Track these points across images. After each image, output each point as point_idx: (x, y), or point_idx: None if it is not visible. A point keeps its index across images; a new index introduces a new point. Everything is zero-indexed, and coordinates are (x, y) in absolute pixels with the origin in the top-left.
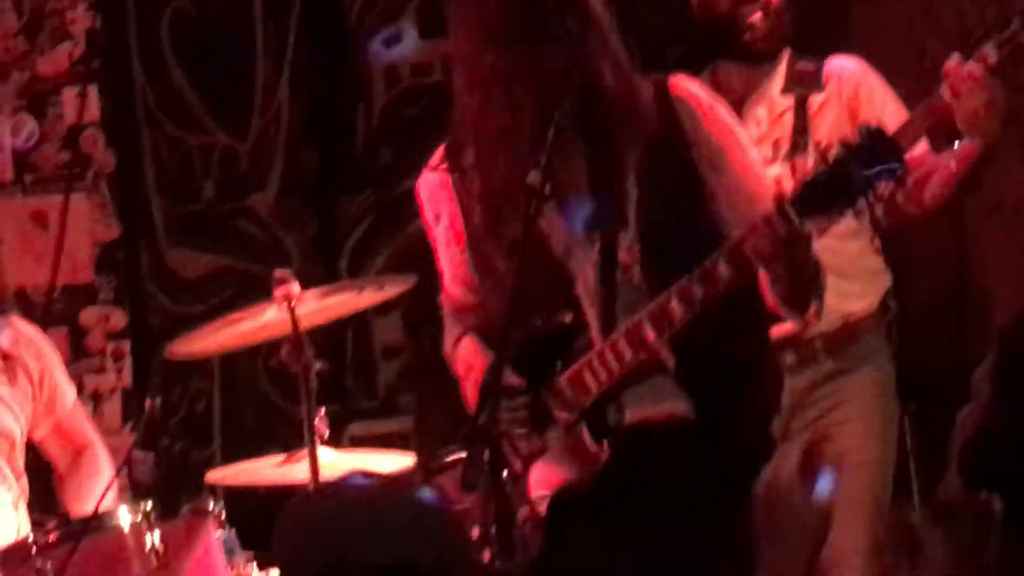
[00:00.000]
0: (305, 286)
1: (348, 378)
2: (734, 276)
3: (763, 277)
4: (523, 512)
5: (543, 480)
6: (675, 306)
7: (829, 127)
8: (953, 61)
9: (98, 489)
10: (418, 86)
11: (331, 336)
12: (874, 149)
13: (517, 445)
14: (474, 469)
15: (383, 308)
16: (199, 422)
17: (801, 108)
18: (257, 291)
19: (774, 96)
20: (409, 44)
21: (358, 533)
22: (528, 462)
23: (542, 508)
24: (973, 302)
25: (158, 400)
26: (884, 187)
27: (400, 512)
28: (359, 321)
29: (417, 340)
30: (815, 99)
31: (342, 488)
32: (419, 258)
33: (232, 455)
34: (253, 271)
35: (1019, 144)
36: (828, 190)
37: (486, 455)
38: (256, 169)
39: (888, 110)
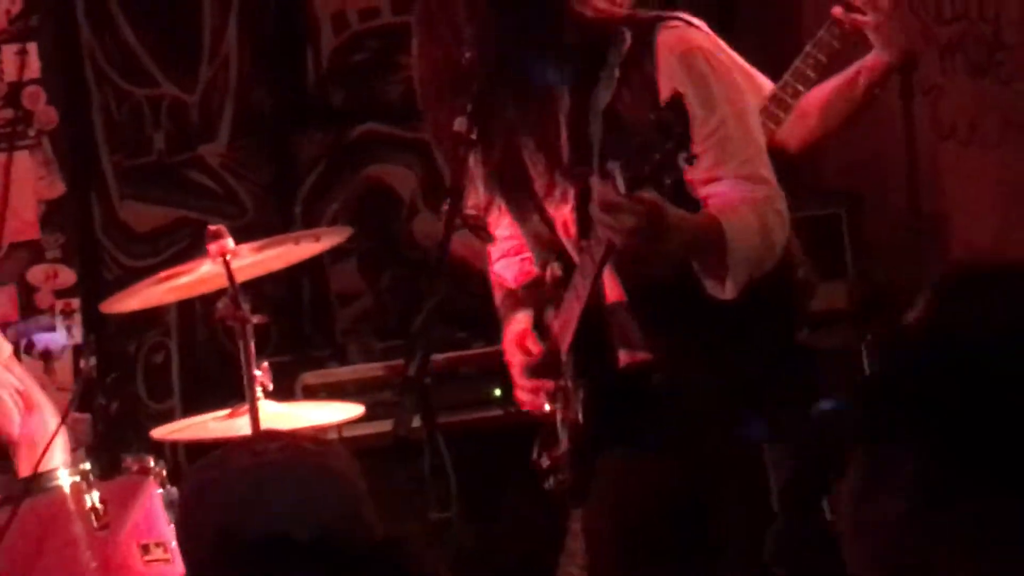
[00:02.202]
0: (260, 234)
1: (305, 326)
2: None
3: None
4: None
5: None
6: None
7: None
8: None
9: (55, 454)
10: (366, 30)
11: (289, 283)
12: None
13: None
14: (403, 418)
15: (338, 255)
16: (157, 374)
17: None
18: None
19: None
20: None
21: (237, 506)
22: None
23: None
24: (927, 227)
25: (92, 360)
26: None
27: (282, 483)
28: (316, 268)
29: (374, 285)
30: None
31: (229, 457)
32: (374, 202)
33: (192, 408)
34: (207, 222)
35: (969, 69)
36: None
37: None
38: (206, 118)
39: None
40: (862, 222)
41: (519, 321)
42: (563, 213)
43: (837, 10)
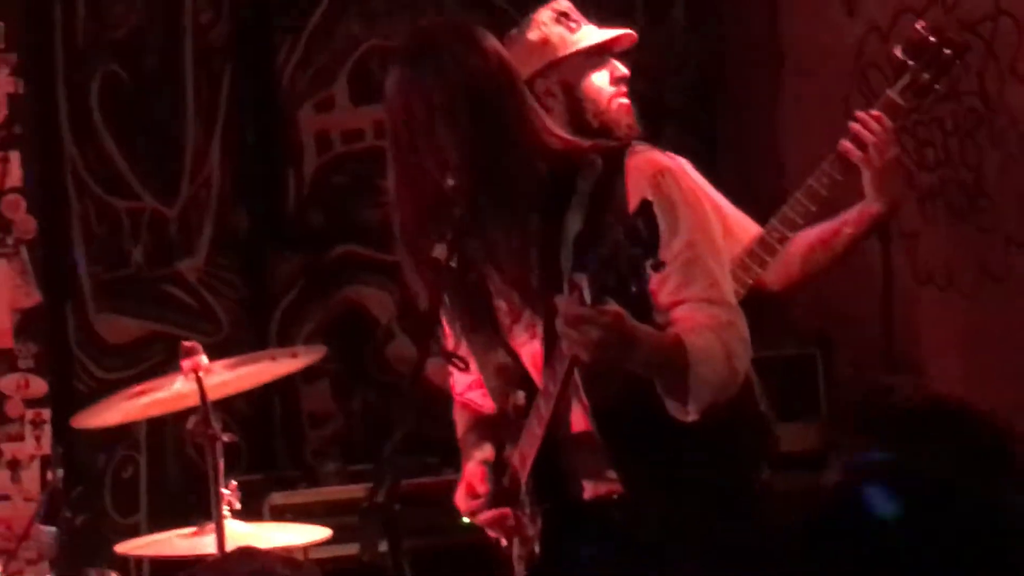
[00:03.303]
0: (235, 352)
1: (275, 445)
2: (567, 370)
3: None
4: None
5: None
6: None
7: None
8: (861, 114)
9: None
10: (349, 152)
11: (260, 402)
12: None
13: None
14: (370, 543)
15: (311, 375)
16: (125, 489)
17: None
18: None
19: None
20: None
21: None
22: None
23: None
24: (901, 371)
25: (60, 472)
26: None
27: None
28: (288, 387)
29: (346, 407)
30: None
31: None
32: (349, 325)
33: (158, 523)
34: (183, 337)
35: (949, 215)
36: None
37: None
38: (186, 234)
39: None
40: (835, 364)
41: (475, 461)
42: (531, 346)
43: (846, 144)
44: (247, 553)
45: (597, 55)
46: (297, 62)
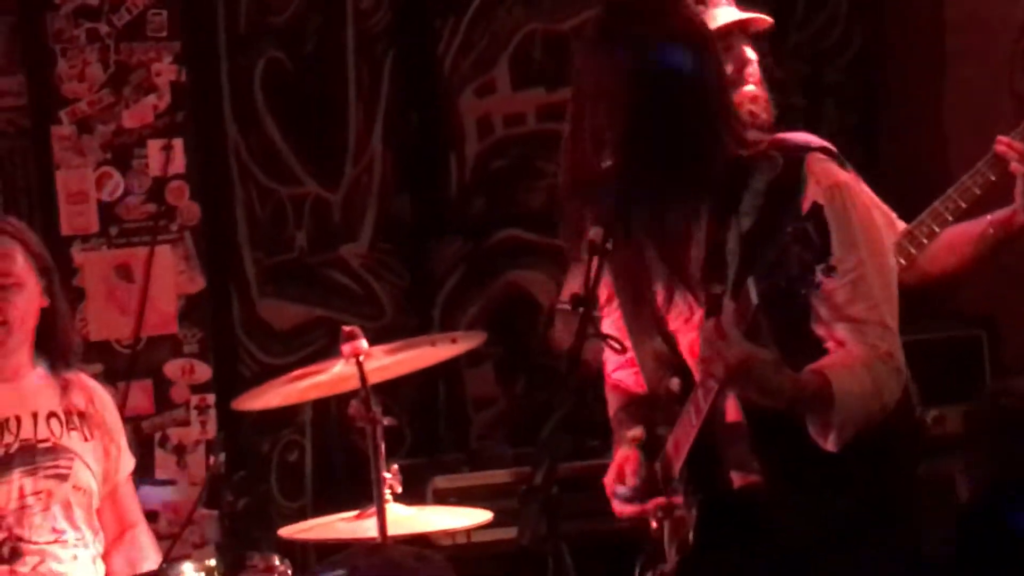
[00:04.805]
0: (398, 336)
1: (440, 429)
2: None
3: None
4: None
5: None
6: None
7: None
8: (1004, 140)
9: (143, 568)
10: (510, 136)
11: (425, 386)
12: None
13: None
14: (528, 526)
15: (475, 360)
16: (291, 473)
17: None
18: None
19: None
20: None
21: None
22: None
23: None
24: None
25: (222, 456)
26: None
27: None
28: (452, 372)
29: (509, 391)
30: None
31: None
32: (512, 309)
33: (324, 506)
34: (346, 322)
35: None
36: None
37: (539, 513)
38: (348, 219)
39: None
40: (1001, 345)
41: (626, 442)
42: (688, 334)
43: (1002, 145)
44: (377, 547)
45: (724, 39)
46: (458, 47)
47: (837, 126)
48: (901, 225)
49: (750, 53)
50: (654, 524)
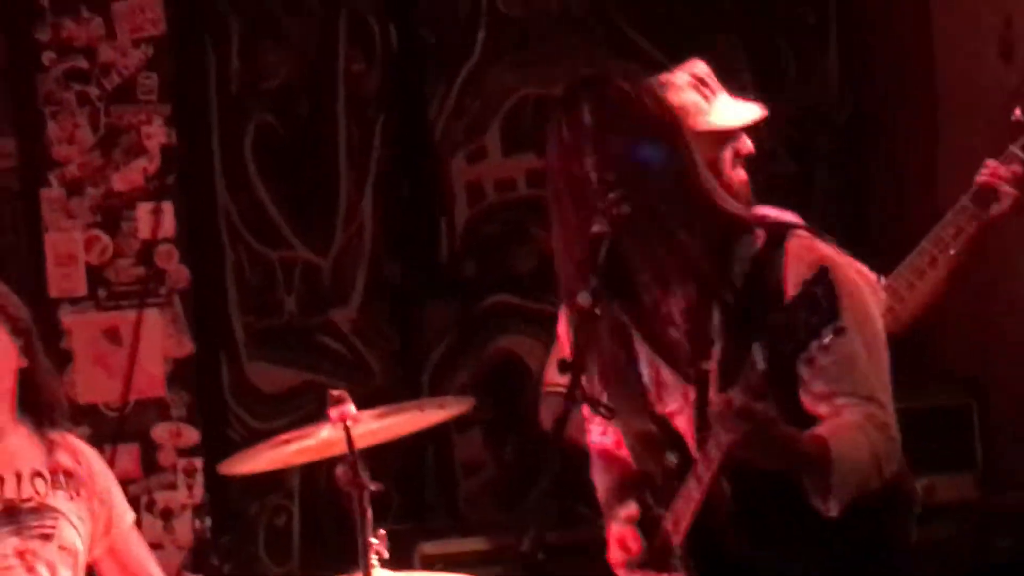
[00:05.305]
0: (388, 401)
1: (428, 494)
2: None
3: None
4: None
5: None
6: (710, 444)
7: None
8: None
9: None
10: (501, 202)
11: (413, 452)
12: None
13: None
14: None
15: (464, 424)
16: (278, 537)
17: None
18: None
19: None
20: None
21: None
22: None
23: None
24: None
25: (207, 520)
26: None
27: None
28: (441, 437)
29: (498, 456)
30: None
31: None
32: (502, 374)
33: (312, 571)
34: (335, 386)
35: None
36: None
37: None
38: (338, 283)
39: None
40: (991, 412)
41: (619, 520)
42: (684, 411)
43: (985, 175)
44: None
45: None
46: (449, 112)
47: (828, 191)
48: (883, 284)
49: (749, 145)
50: None
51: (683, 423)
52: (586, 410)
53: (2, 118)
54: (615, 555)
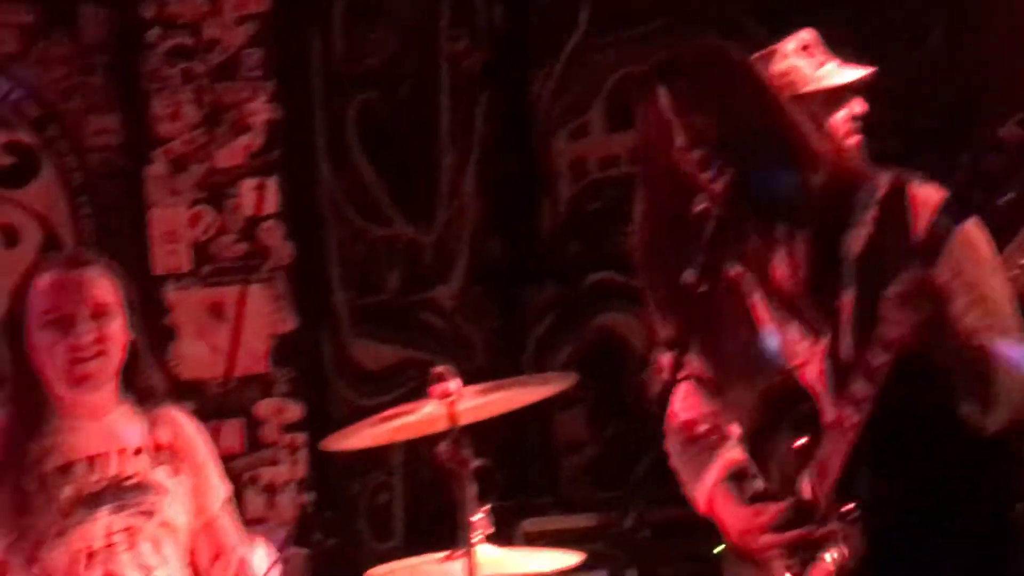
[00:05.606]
0: (488, 379)
1: (530, 472)
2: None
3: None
4: None
5: None
6: (857, 387)
7: None
8: None
9: None
10: (604, 179)
11: (516, 429)
12: None
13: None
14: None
15: (566, 402)
16: (381, 514)
17: None
18: None
19: None
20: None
21: None
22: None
23: None
24: None
25: (311, 496)
26: None
27: None
28: (543, 415)
29: (600, 435)
30: None
31: None
32: (604, 352)
33: (415, 548)
34: (436, 363)
35: None
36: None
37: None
38: (441, 261)
39: None
40: None
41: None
42: (813, 359)
43: None
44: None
45: (840, 91)
46: (552, 89)
47: (926, 168)
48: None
49: (861, 106)
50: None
51: (812, 374)
52: (688, 387)
53: (107, 96)
54: (751, 526)
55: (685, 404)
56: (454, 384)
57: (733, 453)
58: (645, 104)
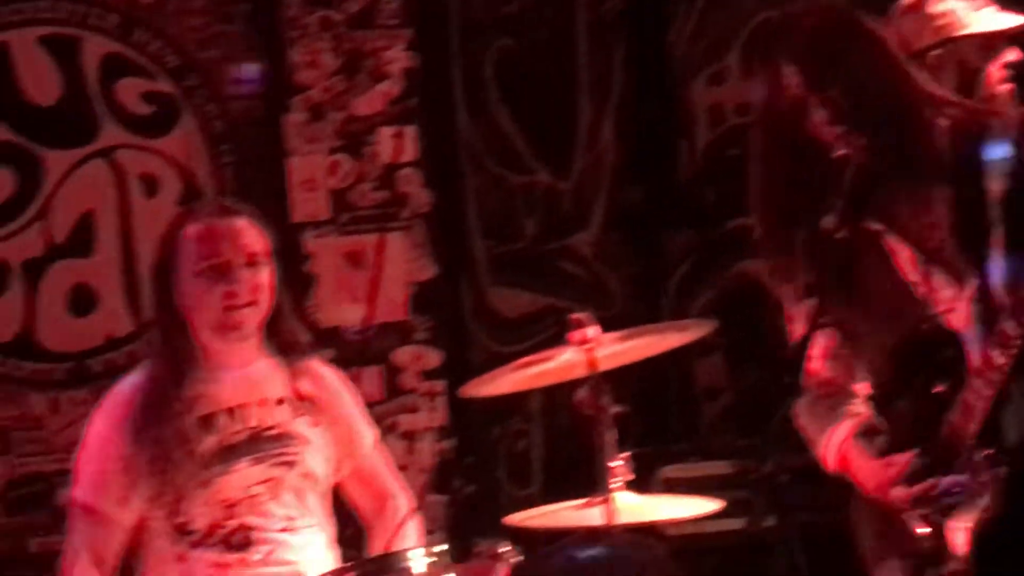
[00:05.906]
0: (627, 326)
1: (669, 419)
2: None
3: None
4: None
5: None
6: (1008, 326)
7: None
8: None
9: (405, 541)
10: (742, 125)
11: (655, 375)
12: None
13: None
14: (757, 516)
15: (705, 349)
16: (519, 460)
17: None
18: None
19: None
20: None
21: None
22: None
23: None
24: None
25: (450, 442)
26: None
27: None
28: (682, 361)
29: (739, 381)
30: None
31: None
32: (743, 299)
33: (553, 495)
34: (575, 311)
35: None
36: None
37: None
38: (578, 208)
39: None
40: None
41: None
42: (959, 305)
43: None
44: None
45: (995, 38)
46: (690, 34)
47: None
48: None
49: (1016, 54)
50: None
51: (958, 320)
52: (822, 339)
53: (246, 44)
54: (883, 479)
55: (818, 361)
56: (592, 331)
57: (861, 410)
58: (769, 79)
